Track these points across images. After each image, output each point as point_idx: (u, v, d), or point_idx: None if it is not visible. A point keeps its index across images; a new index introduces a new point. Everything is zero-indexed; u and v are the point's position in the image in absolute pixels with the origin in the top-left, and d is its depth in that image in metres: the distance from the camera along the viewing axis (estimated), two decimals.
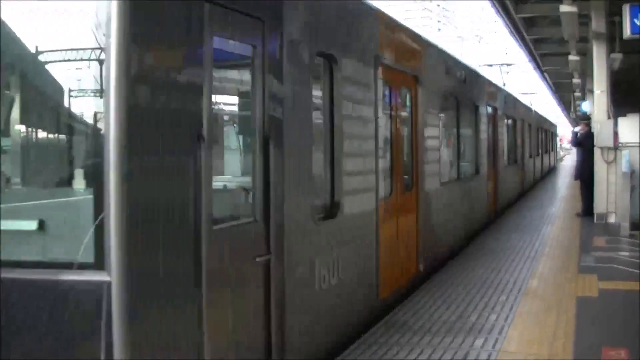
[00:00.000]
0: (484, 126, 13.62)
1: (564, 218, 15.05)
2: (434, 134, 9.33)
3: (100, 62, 3.42)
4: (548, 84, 35.70)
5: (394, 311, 7.06)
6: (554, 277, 8.68)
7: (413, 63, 8.44)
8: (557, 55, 24.38)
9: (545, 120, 34.87)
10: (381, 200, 6.95)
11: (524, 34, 20.76)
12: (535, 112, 28.91)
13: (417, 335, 6.19)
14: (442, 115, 10.05)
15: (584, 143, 15.11)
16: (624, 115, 13.77)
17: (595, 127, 14.46)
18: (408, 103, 8.43)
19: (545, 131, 33.15)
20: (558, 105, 53.55)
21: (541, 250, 10.66)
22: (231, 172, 5.14)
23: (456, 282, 8.43)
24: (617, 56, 14.92)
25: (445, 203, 9.77)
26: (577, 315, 6.81)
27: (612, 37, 14.61)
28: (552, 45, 23.33)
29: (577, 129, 16.83)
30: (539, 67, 27.74)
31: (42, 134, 4.07)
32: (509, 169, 18.25)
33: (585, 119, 16.37)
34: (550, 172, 35.94)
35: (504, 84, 27.58)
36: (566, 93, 37.88)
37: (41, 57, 3.78)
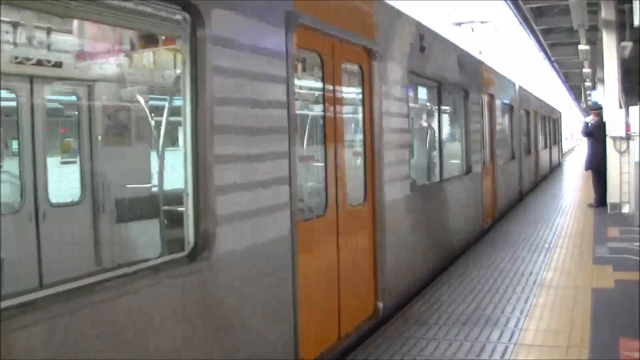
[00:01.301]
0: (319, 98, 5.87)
1: (577, 208, 14.97)
2: None
3: None
4: (558, 74, 35.49)
5: (409, 304, 7.07)
6: (569, 268, 8.65)
7: None
8: (566, 44, 24.24)
9: (541, 103, 25.43)
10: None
11: (533, 24, 20.63)
12: (522, 88, 18.63)
13: (434, 329, 6.19)
14: None
15: (595, 133, 15.04)
16: (635, 104, 13.66)
17: (607, 117, 14.38)
18: None
19: (543, 118, 24.73)
20: (569, 95, 53.22)
21: (555, 241, 10.63)
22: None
23: (471, 274, 8.43)
24: (628, 44, 14.78)
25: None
26: (593, 306, 6.79)
27: (622, 25, 14.51)
28: (561, 34, 23.18)
29: (587, 119, 16.69)
30: (548, 57, 27.58)
31: None
32: (460, 184, 10.62)
33: (596, 108, 16.27)
34: (552, 173, 27.64)
35: (480, 52, 21.09)
36: (576, 83, 37.66)
37: None
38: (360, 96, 6.53)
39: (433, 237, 8.82)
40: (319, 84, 5.77)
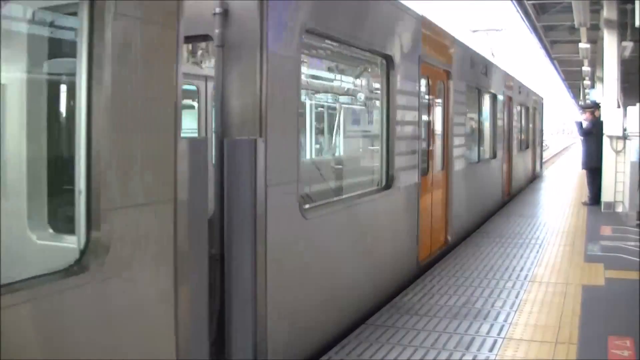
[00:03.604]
0: None
1: (571, 206, 15.01)
2: None
3: None
4: (557, 71, 35.52)
5: (401, 294, 7.11)
6: (560, 264, 8.70)
7: None
8: (567, 42, 24.25)
9: (486, 65, 13.32)
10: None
11: (535, 20, 20.62)
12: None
13: (424, 320, 6.23)
14: None
15: (592, 132, 15.01)
16: (634, 104, 13.70)
17: (605, 116, 14.40)
18: None
19: (492, 98, 13.89)
20: (568, 93, 53.20)
21: (548, 238, 10.68)
22: None
23: (463, 267, 8.46)
24: (628, 44, 14.82)
25: None
26: (583, 303, 6.83)
27: (624, 25, 14.53)
28: (562, 32, 23.19)
29: (580, 118, 16.64)
30: (549, 54, 27.59)
31: None
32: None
33: (589, 107, 16.26)
34: (511, 202, 15.95)
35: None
36: (575, 81, 37.68)
37: None
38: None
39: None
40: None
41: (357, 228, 6.46)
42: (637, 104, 13.34)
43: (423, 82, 8.72)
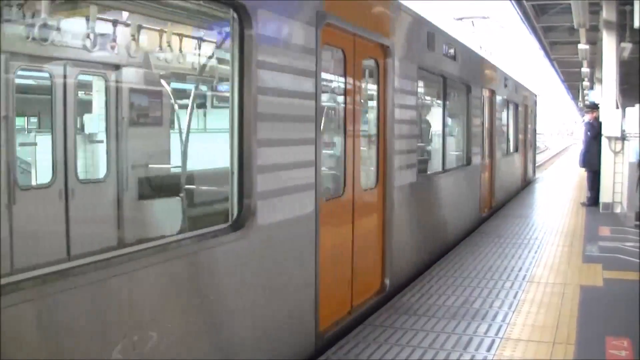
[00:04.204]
0: None
1: (570, 207, 15.02)
2: None
3: None
4: (557, 72, 35.52)
5: (399, 295, 7.12)
6: (559, 265, 8.71)
7: None
8: (566, 43, 24.25)
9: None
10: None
11: (534, 21, 20.63)
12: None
13: (422, 320, 6.24)
14: None
15: (599, 131, 14.86)
16: (633, 105, 13.70)
17: (604, 117, 14.40)
18: None
19: (465, 90, 11.21)
20: (568, 94, 53.15)
21: (546, 239, 10.68)
22: None
23: (461, 268, 8.47)
24: (627, 45, 14.81)
25: None
26: (581, 304, 6.84)
27: (623, 26, 14.53)
28: (561, 33, 23.19)
29: (585, 118, 16.59)
30: (548, 55, 27.59)
31: None
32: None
33: (593, 107, 16.23)
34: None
35: None
36: (575, 82, 37.68)
37: None
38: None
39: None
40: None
41: (140, 312, 3.52)
42: (636, 105, 13.34)
43: (330, 56, 6.12)
